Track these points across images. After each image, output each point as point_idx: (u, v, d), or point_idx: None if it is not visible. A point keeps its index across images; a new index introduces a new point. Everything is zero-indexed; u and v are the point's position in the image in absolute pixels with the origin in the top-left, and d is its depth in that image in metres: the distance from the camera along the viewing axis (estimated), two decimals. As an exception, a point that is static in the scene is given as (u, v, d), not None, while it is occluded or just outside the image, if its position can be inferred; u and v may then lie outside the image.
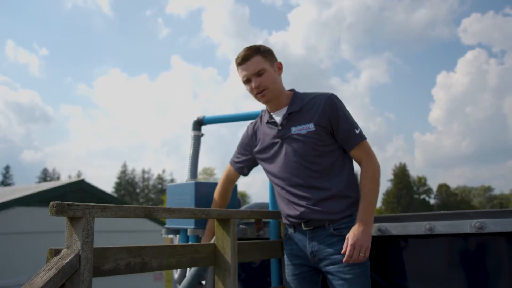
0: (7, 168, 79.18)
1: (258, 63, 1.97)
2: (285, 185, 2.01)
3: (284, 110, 2.06)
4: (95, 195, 15.14)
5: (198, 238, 2.45)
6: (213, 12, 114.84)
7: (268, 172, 2.13)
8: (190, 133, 2.75)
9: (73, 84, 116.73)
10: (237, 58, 2.02)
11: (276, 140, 2.05)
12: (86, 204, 1.31)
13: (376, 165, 1.96)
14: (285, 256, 2.14)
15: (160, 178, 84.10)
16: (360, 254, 1.79)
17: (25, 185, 20.38)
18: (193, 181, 2.42)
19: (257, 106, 2.57)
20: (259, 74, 1.97)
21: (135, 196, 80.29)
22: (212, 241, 2.20)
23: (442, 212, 2.03)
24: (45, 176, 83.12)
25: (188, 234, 2.38)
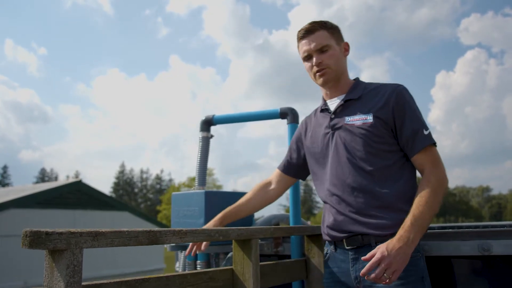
0: (5, 168, 78.75)
1: (323, 38, 1.70)
2: (330, 185, 1.67)
3: (341, 98, 1.75)
4: (92, 196, 14.80)
5: (208, 256, 2.12)
6: (214, 11, 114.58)
7: (312, 171, 1.79)
8: (197, 134, 2.42)
9: (72, 83, 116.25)
10: (299, 31, 1.75)
11: (327, 130, 1.72)
12: (72, 231, 0.98)
13: (443, 178, 1.55)
14: (324, 282, 1.77)
15: (158, 178, 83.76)
16: (384, 275, 1.38)
17: (21, 185, 19.99)
18: (202, 190, 2.09)
19: (258, 107, 2.26)
20: (322, 50, 1.70)
21: (133, 196, 79.96)
22: (223, 265, 1.87)
23: (499, 226, 1.71)
24: (43, 176, 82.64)
25: (197, 251, 2.05)
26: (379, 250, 1.41)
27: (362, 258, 1.44)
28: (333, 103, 1.76)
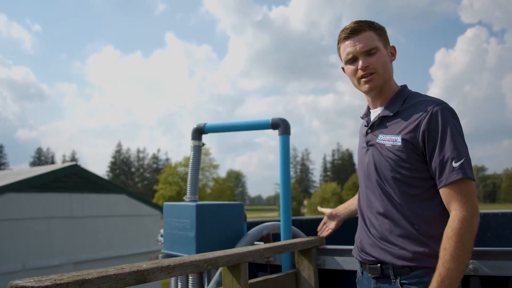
0: (1, 148, 78.60)
1: (370, 39, 1.54)
2: (364, 205, 1.62)
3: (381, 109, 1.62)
4: (89, 179, 14.83)
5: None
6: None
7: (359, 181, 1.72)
8: (189, 143, 2.41)
9: (68, 61, 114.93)
10: (343, 31, 1.59)
11: (364, 145, 1.64)
12: (58, 282, 0.98)
13: (469, 221, 1.34)
14: None
15: (155, 157, 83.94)
16: None
17: (17, 169, 20.01)
18: (194, 204, 2.10)
19: (256, 85, 2.23)
20: (369, 53, 1.54)
21: (130, 176, 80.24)
22: (215, 280, 1.89)
23: None
24: (39, 155, 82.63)
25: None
26: None
27: None
28: (374, 114, 1.63)
